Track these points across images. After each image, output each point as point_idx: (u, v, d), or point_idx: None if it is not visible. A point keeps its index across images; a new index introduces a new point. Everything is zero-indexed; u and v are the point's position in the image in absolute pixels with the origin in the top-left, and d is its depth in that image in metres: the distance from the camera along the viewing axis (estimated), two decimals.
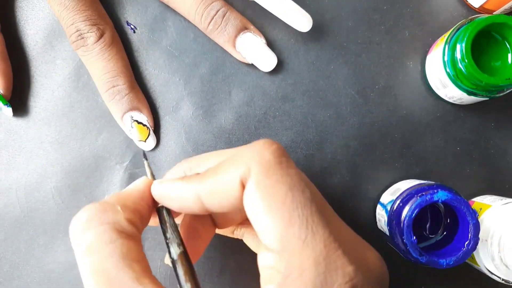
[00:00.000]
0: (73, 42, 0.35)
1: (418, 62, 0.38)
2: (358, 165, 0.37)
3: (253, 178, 0.22)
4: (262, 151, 0.23)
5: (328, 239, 0.21)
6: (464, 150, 0.37)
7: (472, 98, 0.34)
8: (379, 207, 0.36)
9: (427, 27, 0.38)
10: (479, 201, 0.35)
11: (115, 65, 0.36)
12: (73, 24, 0.35)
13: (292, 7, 0.35)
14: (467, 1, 0.37)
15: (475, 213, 0.30)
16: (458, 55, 0.31)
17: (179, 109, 0.38)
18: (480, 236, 0.31)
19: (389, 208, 0.33)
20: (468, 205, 0.30)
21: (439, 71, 0.34)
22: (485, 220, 0.32)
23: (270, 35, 0.38)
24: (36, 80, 0.38)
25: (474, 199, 0.36)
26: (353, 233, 0.26)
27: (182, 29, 0.38)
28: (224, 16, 0.36)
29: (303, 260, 0.21)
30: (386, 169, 0.37)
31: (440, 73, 0.34)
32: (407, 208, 0.31)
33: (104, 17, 0.37)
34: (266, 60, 0.37)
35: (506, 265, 0.31)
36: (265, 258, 0.22)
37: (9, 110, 0.37)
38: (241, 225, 0.32)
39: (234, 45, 0.36)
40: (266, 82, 0.38)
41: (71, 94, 0.38)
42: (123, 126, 0.37)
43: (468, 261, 0.34)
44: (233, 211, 0.29)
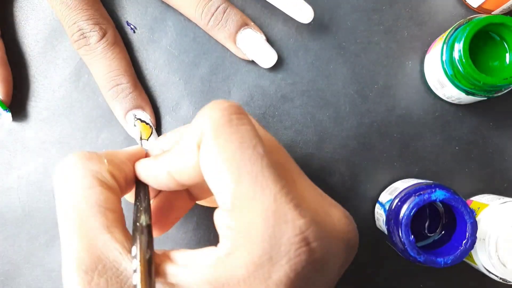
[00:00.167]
0: (75, 41, 0.35)
1: (417, 62, 0.38)
2: (357, 164, 0.37)
3: (204, 142, 0.22)
4: (211, 112, 0.23)
5: (279, 193, 0.21)
6: (463, 150, 0.37)
7: (471, 98, 0.34)
8: (377, 206, 0.36)
9: (425, 27, 0.38)
10: (477, 200, 0.35)
11: (118, 64, 0.36)
12: (75, 23, 0.35)
13: None
14: (465, 1, 0.37)
15: (472, 213, 0.30)
16: (456, 55, 0.32)
17: (179, 108, 0.38)
18: (478, 235, 0.32)
19: (387, 207, 0.33)
20: (466, 204, 0.30)
21: (437, 71, 0.34)
22: (482, 219, 0.32)
23: (269, 35, 0.38)
24: (37, 80, 0.38)
25: (472, 198, 0.36)
26: (318, 191, 0.25)
27: (182, 29, 0.38)
28: (224, 12, 0.36)
29: (252, 215, 0.21)
30: (385, 168, 0.37)
31: (438, 73, 0.34)
32: (405, 207, 0.31)
33: (105, 16, 0.37)
34: (266, 56, 0.37)
35: (503, 264, 0.31)
36: (219, 216, 0.22)
37: (8, 116, 0.37)
38: None
39: (235, 41, 0.36)
40: (265, 81, 0.38)
41: (72, 94, 0.38)
42: (125, 125, 0.37)
43: (466, 259, 0.35)
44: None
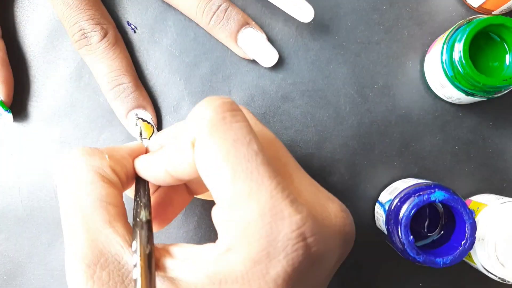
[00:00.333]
0: (76, 41, 0.36)
1: (417, 62, 0.38)
2: (357, 164, 0.38)
3: (198, 140, 0.22)
4: (204, 110, 0.22)
5: (275, 189, 0.21)
6: (462, 149, 0.37)
7: (471, 98, 0.34)
8: (377, 206, 0.37)
9: (426, 26, 0.38)
10: (476, 200, 0.35)
11: (119, 64, 0.36)
12: (76, 23, 0.35)
13: None
14: (466, 0, 0.37)
15: (472, 213, 0.30)
16: (456, 56, 0.32)
17: (179, 108, 0.38)
18: (477, 235, 0.32)
19: (387, 207, 0.33)
20: (465, 205, 0.30)
21: (437, 71, 0.34)
22: (482, 219, 0.32)
23: (270, 35, 0.38)
24: (38, 80, 0.39)
25: (471, 198, 0.36)
26: (315, 185, 0.25)
27: (182, 29, 0.38)
28: (225, 12, 0.36)
29: (249, 212, 0.21)
30: (385, 168, 0.38)
31: (438, 73, 0.34)
32: (404, 208, 0.31)
33: (106, 16, 0.37)
34: (267, 55, 0.37)
35: (502, 264, 0.31)
36: (217, 213, 0.22)
37: (9, 116, 0.37)
38: None
39: (236, 40, 0.37)
40: (265, 81, 0.38)
41: (73, 94, 0.38)
42: (126, 124, 0.37)
43: (465, 259, 0.35)
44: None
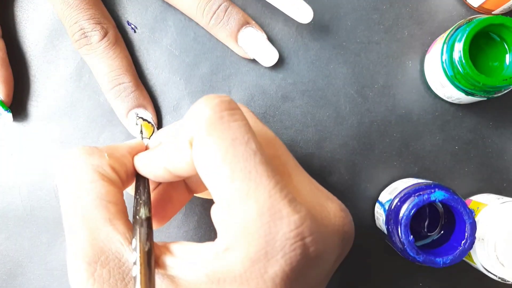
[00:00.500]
0: (76, 40, 0.36)
1: (417, 62, 0.38)
2: (357, 164, 0.38)
3: (196, 139, 0.22)
4: (202, 109, 0.22)
5: (274, 189, 0.21)
6: (462, 149, 0.37)
7: (470, 98, 0.34)
8: (377, 205, 0.37)
9: (426, 26, 0.38)
10: (476, 199, 0.35)
11: (120, 63, 0.36)
12: (76, 22, 0.35)
13: None
14: (466, 0, 0.37)
15: (472, 213, 0.30)
16: (456, 55, 0.32)
17: (180, 108, 0.38)
18: (477, 235, 0.32)
19: (387, 207, 0.33)
20: (465, 204, 0.30)
21: (437, 71, 0.34)
22: (482, 219, 0.32)
23: (270, 35, 0.38)
24: (38, 80, 0.39)
25: (471, 197, 0.37)
26: (314, 184, 0.25)
27: (182, 29, 0.38)
28: (226, 11, 0.36)
29: (247, 212, 0.21)
30: (385, 168, 0.38)
31: (438, 73, 0.34)
32: (404, 208, 0.31)
33: (107, 16, 0.37)
34: (267, 55, 0.37)
35: (502, 264, 0.31)
36: (216, 212, 0.22)
37: (9, 116, 0.37)
38: None
39: (236, 39, 0.37)
40: (265, 81, 0.38)
41: (73, 94, 0.38)
42: (127, 124, 0.37)
43: (465, 259, 0.35)
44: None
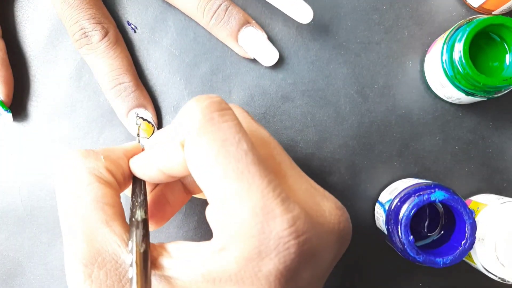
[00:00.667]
0: (77, 40, 0.36)
1: (417, 62, 0.38)
2: (357, 164, 0.38)
3: (187, 142, 0.22)
4: (193, 111, 0.22)
5: (266, 188, 0.21)
6: (462, 149, 0.37)
7: (471, 98, 0.34)
8: (377, 205, 0.37)
9: (426, 26, 0.38)
10: (476, 200, 0.35)
11: (120, 63, 0.36)
12: (77, 22, 0.35)
13: None
14: (466, 0, 0.37)
15: (472, 213, 0.30)
16: (456, 55, 0.32)
17: (179, 108, 0.38)
18: (477, 235, 0.32)
19: (387, 207, 0.33)
20: (465, 205, 0.30)
21: (437, 71, 0.34)
22: (482, 219, 0.32)
23: (270, 35, 0.38)
24: (38, 80, 0.39)
25: (471, 198, 0.37)
26: (310, 183, 0.25)
27: (182, 29, 0.38)
28: (226, 10, 0.36)
29: (241, 212, 0.21)
30: (385, 168, 0.38)
31: (438, 73, 0.34)
32: (404, 208, 0.31)
33: (107, 16, 0.37)
34: (268, 54, 0.37)
35: (502, 264, 0.31)
36: (211, 213, 0.22)
37: (9, 116, 0.37)
38: None
39: (237, 39, 0.37)
40: (266, 81, 0.38)
41: (73, 94, 0.38)
42: (127, 123, 0.37)
43: (465, 259, 0.35)
44: None
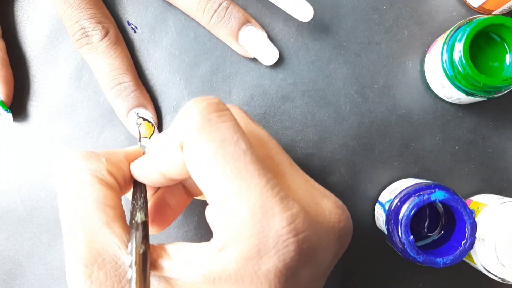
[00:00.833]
0: (77, 40, 0.36)
1: (417, 62, 0.38)
2: (357, 164, 0.38)
3: (186, 143, 0.22)
4: (190, 112, 0.23)
5: (265, 187, 0.21)
6: (462, 149, 0.37)
7: (471, 98, 0.34)
8: (377, 205, 0.37)
9: (426, 26, 0.38)
10: (476, 200, 0.35)
11: (120, 63, 0.36)
12: (77, 22, 0.35)
13: None
14: (466, 0, 0.37)
15: (472, 213, 0.30)
16: (456, 55, 0.32)
17: (179, 108, 0.38)
18: (477, 235, 0.32)
19: (387, 207, 0.33)
20: (465, 205, 0.30)
21: (437, 71, 0.34)
22: (482, 219, 0.32)
23: (270, 34, 0.38)
24: (38, 80, 0.39)
25: (471, 198, 0.37)
26: (310, 182, 0.25)
27: (182, 29, 0.38)
28: (227, 10, 0.36)
29: (239, 212, 0.21)
30: (385, 168, 0.38)
31: (438, 73, 0.34)
32: (405, 208, 0.31)
33: (107, 16, 0.37)
34: (268, 53, 0.37)
35: (502, 264, 0.31)
36: (210, 213, 0.23)
37: (9, 116, 0.37)
38: None
39: (237, 38, 0.37)
40: (266, 81, 0.38)
41: (73, 94, 0.38)
42: (127, 123, 0.37)
43: (466, 259, 0.35)
44: None
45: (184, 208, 0.31)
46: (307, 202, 0.23)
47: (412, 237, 0.30)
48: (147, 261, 0.22)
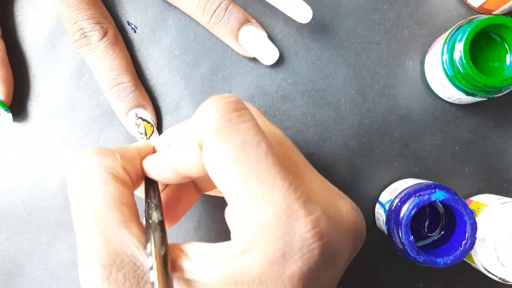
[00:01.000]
0: (76, 40, 0.36)
1: (417, 62, 0.38)
2: (357, 164, 0.38)
3: (205, 143, 0.22)
4: (209, 111, 0.22)
5: (288, 190, 0.21)
6: (463, 150, 0.37)
7: (471, 98, 0.34)
8: (377, 206, 0.37)
9: (426, 26, 0.38)
10: (477, 200, 0.35)
11: (119, 63, 0.36)
12: (76, 22, 0.35)
13: None
14: (466, 0, 0.37)
15: (472, 213, 0.30)
16: (457, 55, 0.32)
17: (180, 108, 0.38)
18: (478, 235, 0.32)
19: (387, 207, 0.33)
20: (465, 205, 0.30)
21: (438, 71, 0.34)
22: (482, 219, 0.32)
23: (270, 34, 0.38)
24: (38, 80, 0.39)
25: (472, 198, 0.36)
26: (326, 183, 0.25)
27: (182, 29, 0.38)
28: (227, 9, 0.36)
29: (263, 214, 0.21)
30: (385, 168, 0.38)
31: (439, 73, 0.34)
32: (405, 208, 0.31)
33: (106, 16, 0.37)
34: (268, 53, 0.37)
35: (502, 264, 0.31)
36: (231, 214, 0.22)
37: (9, 116, 0.37)
38: None
39: (237, 38, 0.37)
40: (266, 81, 0.38)
41: (73, 94, 0.38)
42: (126, 124, 0.37)
43: (466, 259, 0.35)
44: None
45: (193, 204, 0.31)
46: (325, 203, 0.23)
47: (412, 237, 0.30)
48: (168, 263, 0.22)
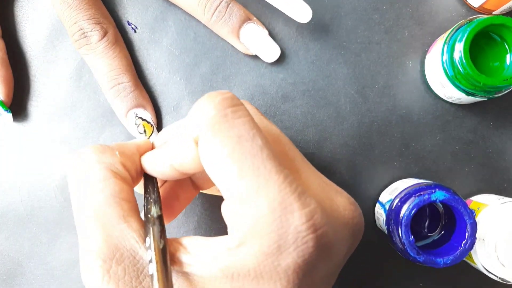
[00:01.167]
0: (76, 40, 0.36)
1: (417, 62, 0.38)
2: (357, 164, 0.38)
3: (201, 139, 0.22)
4: (205, 107, 0.23)
5: (283, 183, 0.21)
6: (463, 150, 0.37)
7: (471, 98, 0.34)
8: (378, 206, 0.37)
9: (426, 26, 0.38)
10: (477, 200, 0.35)
11: (119, 63, 0.36)
12: (76, 22, 0.35)
13: None
14: (466, 0, 0.37)
15: (472, 213, 0.30)
16: (457, 55, 0.32)
17: (180, 108, 0.38)
18: (478, 235, 0.32)
19: (387, 207, 0.33)
20: (465, 205, 0.30)
21: (438, 71, 0.34)
22: (482, 219, 0.32)
23: (270, 34, 0.38)
24: (38, 80, 0.39)
25: (472, 198, 0.36)
26: (323, 179, 0.25)
27: (182, 29, 0.38)
28: (227, 7, 0.36)
29: (258, 207, 0.21)
30: (385, 168, 0.38)
31: (439, 73, 0.34)
32: (405, 208, 0.31)
33: (106, 16, 0.37)
34: (269, 50, 0.37)
35: (502, 264, 0.31)
36: (227, 209, 0.23)
37: (9, 116, 0.37)
38: None
39: (238, 36, 0.37)
40: (266, 81, 0.38)
41: (73, 94, 0.38)
42: (126, 124, 0.37)
43: (466, 259, 0.35)
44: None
45: (190, 201, 0.31)
46: (322, 198, 0.23)
47: (412, 237, 0.30)
48: (167, 256, 0.22)
